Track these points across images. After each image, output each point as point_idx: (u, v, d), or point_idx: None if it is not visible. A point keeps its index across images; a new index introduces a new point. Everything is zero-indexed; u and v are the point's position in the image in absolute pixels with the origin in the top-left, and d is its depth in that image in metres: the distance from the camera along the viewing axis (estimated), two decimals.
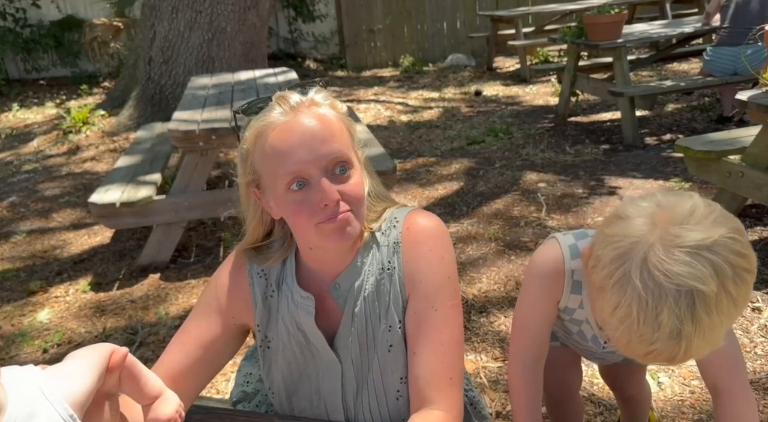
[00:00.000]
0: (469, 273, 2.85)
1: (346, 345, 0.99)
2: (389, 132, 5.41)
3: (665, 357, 0.76)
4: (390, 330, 0.97)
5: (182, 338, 1.02)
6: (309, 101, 0.92)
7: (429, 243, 0.96)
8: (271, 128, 0.89)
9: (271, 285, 1.01)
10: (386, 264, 0.97)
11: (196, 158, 3.01)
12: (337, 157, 0.89)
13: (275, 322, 1.01)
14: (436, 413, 0.92)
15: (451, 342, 0.95)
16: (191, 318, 1.03)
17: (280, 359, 1.02)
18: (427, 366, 0.94)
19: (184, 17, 5.45)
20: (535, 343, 1.09)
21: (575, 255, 1.03)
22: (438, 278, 0.95)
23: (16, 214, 4.07)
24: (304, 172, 0.88)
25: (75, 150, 5.34)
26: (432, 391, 0.93)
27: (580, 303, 1.06)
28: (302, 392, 1.03)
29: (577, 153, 4.38)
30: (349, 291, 0.98)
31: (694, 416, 1.84)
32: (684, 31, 4.86)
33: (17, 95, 7.58)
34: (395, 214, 1.00)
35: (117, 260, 3.26)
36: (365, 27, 8.72)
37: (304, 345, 1.00)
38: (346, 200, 0.89)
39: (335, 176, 0.89)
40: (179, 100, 4.34)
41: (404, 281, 0.96)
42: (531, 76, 7.01)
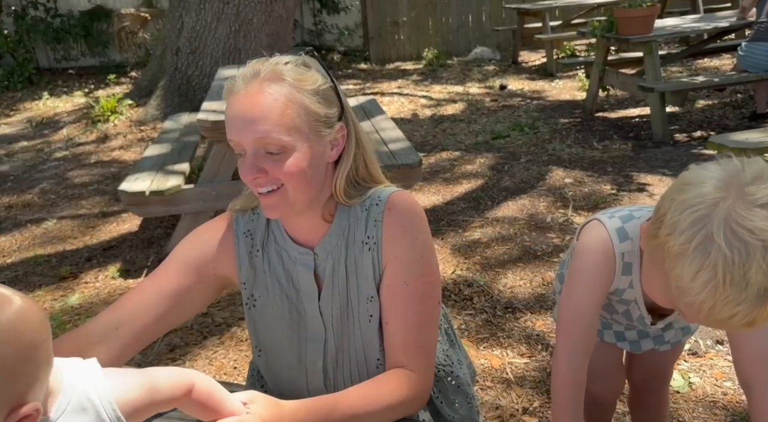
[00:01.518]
0: (494, 269, 2.83)
1: (328, 310, 1.04)
2: (413, 125, 5.39)
3: (747, 321, 0.75)
4: (370, 300, 1.02)
5: (158, 280, 1.04)
6: (266, 74, 0.93)
7: (406, 223, 1.01)
8: (231, 94, 0.95)
9: (255, 245, 1.06)
10: (366, 239, 1.01)
11: (224, 148, 3.03)
12: (263, 139, 0.91)
13: (262, 281, 1.06)
14: (406, 371, 0.99)
15: (422, 314, 1.01)
16: (168, 263, 1.06)
17: (267, 318, 1.07)
18: (397, 334, 1.00)
19: (212, 8, 5.48)
20: (585, 335, 1.06)
21: (623, 238, 1.03)
22: (412, 255, 1.00)
23: (46, 201, 4.15)
24: (238, 144, 0.94)
25: (103, 139, 5.42)
26: (402, 356, 1.00)
27: (630, 283, 1.05)
28: (284, 354, 1.08)
29: (604, 149, 4.32)
30: (327, 261, 1.03)
31: (727, 418, 1.81)
32: (718, 25, 4.75)
33: (47, 84, 7.71)
34: (378, 193, 1.04)
35: (145, 247, 3.31)
36: (390, 19, 8.68)
37: (294, 302, 1.05)
38: (275, 177, 0.93)
39: (266, 155, 0.93)
40: (206, 90, 4.38)
41: (382, 256, 1.01)
42: (557, 70, 6.91)
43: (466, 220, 3.38)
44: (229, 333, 2.48)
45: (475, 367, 1.35)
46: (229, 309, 2.64)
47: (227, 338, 2.44)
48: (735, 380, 1.95)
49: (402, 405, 0.98)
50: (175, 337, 2.46)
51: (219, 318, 2.58)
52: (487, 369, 2.14)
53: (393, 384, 0.98)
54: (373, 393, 0.96)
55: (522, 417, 1.91)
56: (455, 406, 1.15)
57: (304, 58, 0.98)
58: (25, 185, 4.48)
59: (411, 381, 0.99)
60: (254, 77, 0.93)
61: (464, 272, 2.81)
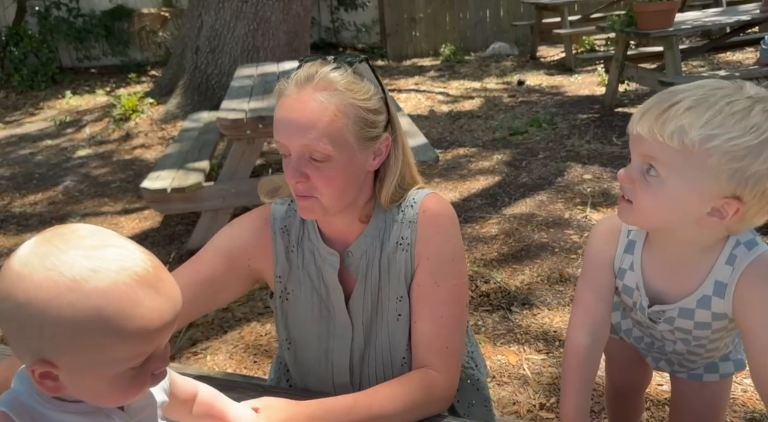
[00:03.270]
0: (511, 265, 2.83)
1: (359, 308, 1.06)
2: (430, 122, 5.39)
3: None
4: (400, 300, 1.04)
5: (196, 266, 1.07)
6: (319, 81, 0.94)
7: (440, 225, 1.03)
8: (281, 95, 0.97)
9: (291, 242, 1.08)
10: (401, 240, 1.04)
11: (243, 146, 3.08)
12: (309, 146, 0.94)
13: (296, 276, 1.08)
14: (430, 371, 1.00)
15: (451, 317, 1.02)
16: (207, 250, 1.08)
17: (298, 312, 1.09)
18: (425, 333, 1.02)
19: (231, 7, 5.53)
20: (594, 314, 1.05)
21: None
22: (444, 257, 1.02)
23: (70, 198, 4.24)
24: (283, 146, 0.97)
25: (125, 137, 5.52)
26: (429, 356, 1.01)
27: (630, 265, 1.05)
28: (312, 349, 1.10)
29: (624, 145, 4.28)
30: (361, 260, 1.05)
31: (746, 415, 1.80)
32: (741, 19, 4.66)
33: (70, 83, 7.86)
34: (414, 195, 1.06)
35: (167, 243, 3.37)
36: (407, 16, 8.68)
37: (324, 299, 1.07)
38: (313, 185, 0.96)
39: (311, 161, 0.95)
40: (225, 89, 4.43)
41: (415, 256, 1.03)
42: (576, 65, 6.85)
43: (483, 216, 3.38)
44: (249, 327, 2.52)
45: (488, 368, 1.36)
46: (249, 305, 2.68)
47: (247, 333, 2.48)
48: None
49: (425, 406, 0.98)
50: (196, 332, 2.50)
51: (239, 313, 2.63)
52: (504, 365, 2.15)
53: (417, 385, 0.98)
54: (396, 392, 0.97)
55: (539, 413, 1.92)
56: (472, 407, 1.17)
57: (357, 66, 0.99)
58: (50, 182, 4.58)
59: (436, 382, 0.99)
60: (307, 82, 0.95)
61: (481, 268, 2.82)
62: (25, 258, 0.59)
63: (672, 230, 0.94)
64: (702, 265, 0.97)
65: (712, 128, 0.81)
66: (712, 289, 0.97)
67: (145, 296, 0.60)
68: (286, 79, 0.98)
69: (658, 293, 1.04)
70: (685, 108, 0.83)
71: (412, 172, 1.08)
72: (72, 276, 0.57)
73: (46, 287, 0.57)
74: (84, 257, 0.59)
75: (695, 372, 1.23)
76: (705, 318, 1.01)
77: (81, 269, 0.58)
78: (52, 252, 0.59)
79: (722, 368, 1.21)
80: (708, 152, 0.81)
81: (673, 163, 0.85)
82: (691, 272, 0.99)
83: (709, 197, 0.85)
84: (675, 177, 0.85)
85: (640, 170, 0.89)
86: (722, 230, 0.93)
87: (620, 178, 0.91)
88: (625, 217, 0.95)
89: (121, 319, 0.58)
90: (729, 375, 1.23)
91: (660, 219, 0.91)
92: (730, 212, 0.86)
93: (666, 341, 1.15)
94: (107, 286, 0.58)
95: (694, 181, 0.84)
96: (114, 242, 0.62)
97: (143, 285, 0.60)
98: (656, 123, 0.85)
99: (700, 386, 1.23)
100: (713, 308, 0.99)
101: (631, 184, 0.90)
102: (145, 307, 0.59)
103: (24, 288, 0.57)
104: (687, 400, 1.27)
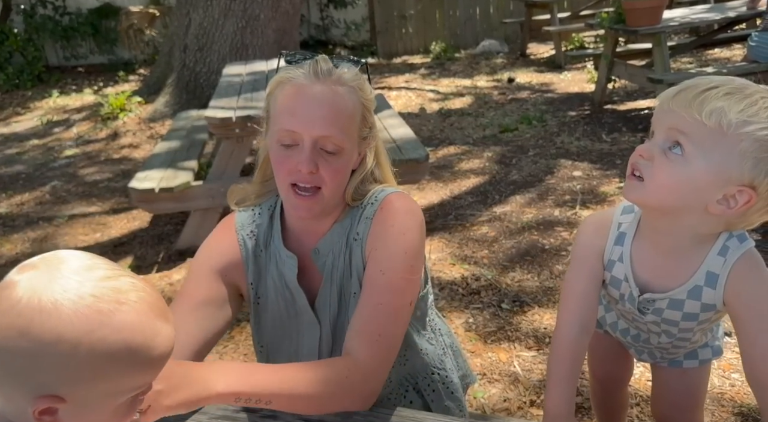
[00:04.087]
0: (501, 263, 2.84)
1: (325, 306, 1.06)
2: (420, 120, 5.39)
3: None
4: (354, 295, 1.04)
5: (183, 299, 1.04)
6: (336, 77, 0.96)
7: (394, 219, 1.02)
8: (290, 83, 0.96)
9: (259, 245, 1.08)
10: (356, 235, 1.04)
11: (232, 145, 3.06)
12: (328, 137, 0.94)
13: (264, 280, 1.08)
14: (353, 358, 0.94)
15: (389, 306, 0.98)
16: (188, 281, 1.06)
17: (268, 316, 1.09)
18: (358, 318, 0.98)
19: (219, 4, 5.49)
20: (581, 307, 1.06)
21: (628, 211, 1.05)
22: (393, 248, 1.00)
23: (58, 198, 4.20)
24: (297, 135, 0.95)
25: (113, 136, 5.47)
26: (358, 341, 0.96)
27: (620, 256, 1.05)
28: (283, 349, 1.10)
29: (613, 141, 4.30)
30: (328, 257, 1.05)
31: (734, 409, 1.81)
32: (727, 15, 4.69)
33: (57, 82, 7.78)
34: (378, 193, 1.05)
35: (156, 243, 3.34)
36: (397, 13, 8.66)
37: (290, 302, 1.08)
38: (321, 176, 0.95)
39: (321, 152, 0.96)
40: (214, 87, 4.40)
41: (365, 251, 1.03)
42: (566, 62, 6.87)
43: (473, 214, 3.38)
44: (238, 327, 2.50)
45: (475, 376, 1.35)
46: None
47: (236, 332, 2.47)
48: (742, 372, 1.94)
49: (341, 392, 0.92)
50: None
51: None
52: (495, 362, 2.15)
53: (335, 367, 0.93)
54: (310, 372, 0.91)
55: (530, 410, 1.92)
56: (447, 409, 1.17)
57: (361, 68, 1.01)
58: (37, 182, 4.53)
59: (356, 369, 0.93)
60: (327, 75, 0.95)
61: (472, 266, 2.82)
62: (40, 292, 0.57)
63: (676, 214, 0.94)
64: (695, 256, 0.98)
65: (749, 115, 0.83)
66: (703, 279, 0.98)
67: (161, 325, 0.62)
68: (292, 69, 0.97)
69: (646, 284, 1.05)
70: (724, 93, 0.86)
71: (384, 172, 1.09)
72: (100, 309, 0.58)
73: (78, 323, 0.57)
74: (106, 289, 0.59)
75: (675, 360, 1.25)
76: (693, 309, 1.03)
77: (109, 303, 0.58)
78: (70, 286, 0.58)
79: (701, 354, 1.24)
80: (740, 137, 0.84)
81: (703, 141, 0.86)
82: (682, 263, 1.00)
83: (726, 181, 0.87)
84: (700, 156, 0.87)
85: (662, 146, 0.90)
86: (722, 224, 0.94)
87: (639, 152, 0.92)
88: (633, 194, 0.94)
89: (146, 349, 0.60)
90: (708, 361, 1.26)
91: (672, 198, 0.91)
92: (741, 202, 0.87)
93: (651, 333, 1.16)
94: (134, 319, 0.60)
95: (718, 162, 0.86)
96: (121, 272, 0.63)
97: (159, 315, 0.62)
98: (694, 101, 0.86)
99: (680, 372, 1.25)
100: (703, 298, 1.00)
101: (650, 160, 0.91)
102: (162, 336, 0.62)
103: (52, 325, 0.56)
104: (668, 387, 1.30)
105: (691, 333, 1.11)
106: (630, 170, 0.94)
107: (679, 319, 1.06)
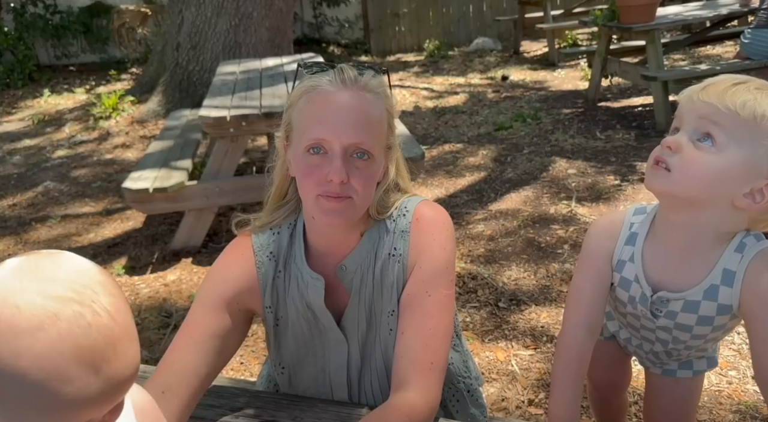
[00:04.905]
0: (498, 261, 2.84)
1: (353, 324, 1.03)
2: (414, 118, 5.38)
3: None
4: (392, 314, 1.01)
5: (189, 331, 0.99)
6: (362, 84, 0.95)
7: (434, 233, 1.00)
8: (316, 92, 0.93)
9: (278, 267, 1.04)
10: (392, 250, 1.00)
11: (227, 144, 3.04)
12: (360, 144, 0.92)
13: (284, 301, 1.04)
14: (409, 397, 0.93)
15: (438, 328, 0.97)
16: (194, 311, 1.01)
17: (289, 336, 1.06)
18: (411, 346, 0.96)
19: (212, 3, 5.46)
20: (589, 310, 1.05)
21: (640, 212, 1.05)
22: (437, 265, 0.99)
23: (50, 199, 4.16)
24: (326, 142, 0.92)
25: (106, 136, 5.43)
26: (411, 373, 0.95)
27: (631, 256, 1.04)
28: (308, 370, 1.07)
29: (607, 139, 4.31)
30: (355, 273, 1.01)
31: (732, 407, 1.81)
32: (720, 13, 4.71)
33: (48, 81, 7.71)
34: (405, 203, 1.03)
35: (150, 244, 3.32)
36: (390, 11, 8.64)
37: (312, 322, 1.04)
38: (352, 186, 0.92)
39: (352, 160, 0.93)
40: (207, 85, 4.37)
41: (407, 267, 1.00)
42: (559, 60, 6.88)
43: (469, 212, 3.38)
44: None
45: (482, 378, 1.32)
46: None
47: None
48: (740, 369, 1.95)
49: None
50: None
51: None
52: (492, 361, 2.15)
53: (393, 420, 0.91)
54: None
55: (528, 409, 1.92)
56: (472, 417, 1.16)
57: (376, 74, 0.99)
58: (29, 183, 4.49)
59: (416, 409, 0.92)
60: (352, 84, 0.94)
61: (468, 264, 2.82)
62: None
63: (700, 207, 0.92)
64: (711, 255, 0.96)
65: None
66: (720, 278, 0.96)
67: (78, 373, 0.56)
68: (316, 78, 0.95)
69: (658, 284, 1.03)
70: (755, 88, 0.87)
71: (404, 179, 1.07)
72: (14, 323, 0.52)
73: None
74: (39, 307, 0.53)
75: (669, 368, 1.22)
76: (709, 312, 0.99)
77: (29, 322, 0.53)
78: (13, 286, 0.53)
79: (696, 365, 1.21)
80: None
81: (735, 131, 0.86)
82: (698, 262, 0.97)
83: (756, 174, 0.87)
84: (731, 146, 0.87)
85: (691, 137, 0.90)
86: (744, 221, 0.93)
87: (667, 143, 0.91)
88: (659, 184, 0.92)
89: (46, 391, 0.55)
90: (701, 373, 1.23)
91: (699, 189, 0.90)
92: (767, 196, 0.88)
93: (658, 341, 1.14)
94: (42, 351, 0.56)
95: (749, 153, 0.86)
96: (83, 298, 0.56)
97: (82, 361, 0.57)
98: (725, 93, 0.87)
99: (672, 381, 1.23)
100: (720, 298, 0.97)
101: (678, 151, 0.90)
102: (74, 386, 0.56)
103: None
104: (659, 395, 1.28)
105: (703, 340, 1.08)
106: (653, 161, 0.93)
107: (693, 323, 1.02)
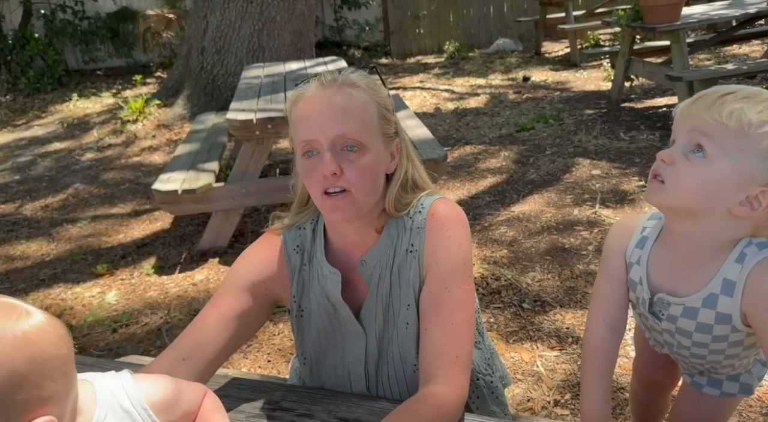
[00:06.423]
0: (521, 262, 2.84)
1: (371, 318, 1.06)
2: (436, 119, 5.39)
3: None
4: (408, 308, 1.04)
5: (217, 306, 1.05)
6: (343, 81, 0.99)
7: (449, 229, 1.02)
8: (301, 99, 0.99)
9: (304, 260, 1.09)
10: (410, 247, 1.04)
11: (253, 146, 3.09)
12: (344, 135, 0.95)
13: (307, 293, 1.10)
14: (437, 389, 0.95)
15: (461, 322, 1.00)
16: (223, 290, 1.07)
17: (311, 328, 1.10)
18: (435, 342, 0.99)
19: (236, 7, 5.55)
20: (608, 307, 1.08)
21: (654, 217, 1.07)
22: (454, 261, 1.01)
23: (80, 200, 4.27)
24: (314, 142, 0.96)
25: (133, 139, 5.54)
26: (438, 367, 0.97)
27: (638, 259, 1.06)
28: (328, 361, 1.11)
29: (632, 140, 4.27)
30: (375, 268, 1.05)
31: (763, 409, 1.80)
32: (748, 11, 4.64)
33: (76, 85, 7.90)
34: (422, 200, 1.06)
35: (177, 244, 3.39)
36: (410, 13, 8.67)
37: (332, 315, 1.08)
38: (348, 178, 0.96)
39: (343, 153, 0.96)
40: (231, 89, 4.45)
41: (423, 263, 1.03)
42: (581, 60, 6.84)
43: (491, 214, 3.39)
44: (262, 327, 2.53)
45: (510, 377, 1.34)
46: None
47: (260, 332, 2.50)
48: None
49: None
50: None
51: None
52: (518, 362, 2.16)
53: (427, 414, 0.92)
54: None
55: (554, 410, 1.92)
56: (492, 414, 1.17)
57: (370, 72, 1.05)
58: (60, 185, 4.61)
59: (444, 400, 0.94)
60: (331, 83, 0.98)
61: (491, 265, 2.83)
62: None
63: (698, 217, 0.93)
64: (712, 263, 0.97)
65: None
66: (720, 287, 0.96)
67: None
68: (301, 86, 1.00)
69: (660, 288, 1.05)
70: (742, 97, 0.88)
71: (422, 176, 1.09)
72: None
73: None
74: None
75: (697, 381, 1.20)
76: (708, 319, 1.00)
77: None
78: None
79: (726, 386, 1.18)
80: (762, 137, 0.85)
81: (725, 142, 0.87)
82: (699, 270, 0.98)
83: (749, 182, 0.87)
84: (722, 156, 0.88)
85: (683, 150, 0.91)
86: (747, 227, 0.93)
87: (661, 157, 0.93)
88: (654, 197, 0.95)
89: None
90: (731, 396, 1.19)
91: (694, 200, 0.91)
92: (765, 203, 0.88)
93: (666, 345, 1.14)
94: None
95: (740, 162, 0.87)
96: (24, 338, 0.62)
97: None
98: (713, 105, 0.88)
99: (698, 395, 1.21)
100: (719, 307, 0.97)
101: (671, 164, 0.92)
102: None
103: None
104: (683, 403, 1.26)
105: (707, 351, 1.07)
106: (651, 175, 0.95)
107: (692, 330, 1.03)
